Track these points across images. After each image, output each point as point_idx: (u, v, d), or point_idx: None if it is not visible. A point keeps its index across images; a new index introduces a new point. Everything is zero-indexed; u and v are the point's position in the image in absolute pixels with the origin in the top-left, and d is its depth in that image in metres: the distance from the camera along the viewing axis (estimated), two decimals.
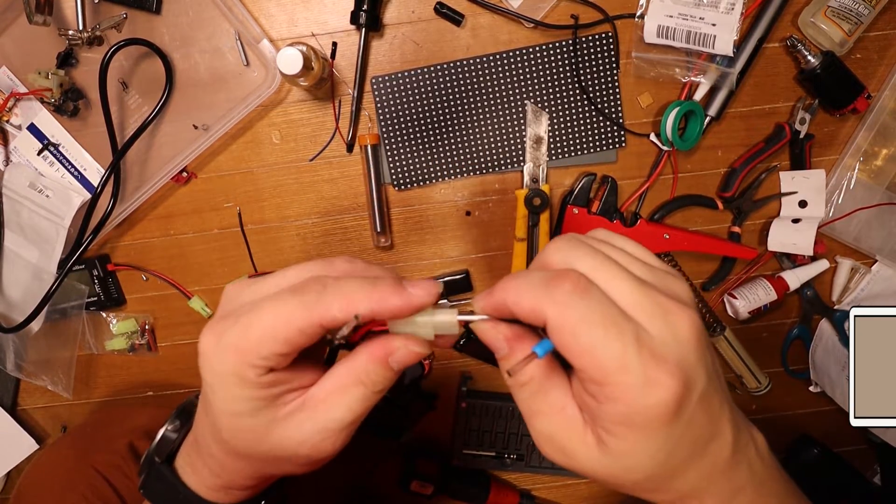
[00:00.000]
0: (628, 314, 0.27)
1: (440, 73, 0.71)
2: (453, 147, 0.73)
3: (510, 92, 0.72)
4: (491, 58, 0.71)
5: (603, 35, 0.70)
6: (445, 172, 0.73)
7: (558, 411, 0.29)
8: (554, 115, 0.72)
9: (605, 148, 0.73)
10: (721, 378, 0.31)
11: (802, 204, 0.74)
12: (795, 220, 0.75)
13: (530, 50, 0.70)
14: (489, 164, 0.73)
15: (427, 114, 0.72)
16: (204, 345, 0.30)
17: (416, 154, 0.73)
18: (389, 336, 0.31)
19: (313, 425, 0.31)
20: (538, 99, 0.72)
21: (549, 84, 0.72)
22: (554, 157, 0.73)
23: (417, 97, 0.71)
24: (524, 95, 0.72)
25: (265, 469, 0.34)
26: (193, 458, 0.36)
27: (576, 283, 0.27)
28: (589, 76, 0.71)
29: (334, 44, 0.70)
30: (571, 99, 0.72)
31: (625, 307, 0.27)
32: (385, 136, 0.72)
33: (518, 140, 0.73)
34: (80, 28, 0.67)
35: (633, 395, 0.26)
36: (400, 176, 0.73)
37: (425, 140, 0.72)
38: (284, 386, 0.31)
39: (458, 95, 0.71)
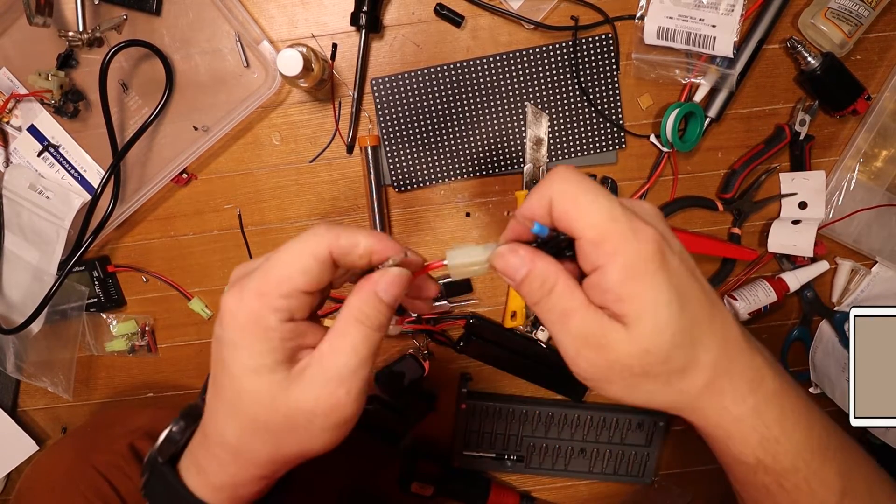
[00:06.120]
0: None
1: (440, 75, 0.71)
2: (453, 148, 0.73)
3: (510, 93, 0.72)
4: (491, 59, 0.71)
5: (603, 36, 0.70)
6: (445, 174, 0.73)
7: (585, 308, 0.32)
8: (554, 116, 0.72)
9: (605, 149, 0.73)
10: (706, 283, 0.34)
11: (802, 205, 0.74)
12: (795, 222, 0.75)
13: (530, 51, 0.70)
14: (489, 166, 0.73)
15: (427, 115, 0.72)
16: (227, 303, 0.32)
17: (416, 155, 0.73)
18: (374, 272, 0.34)
19: (324, 374, 0.32)
20: (538, 100, 0.72)
21: (549, 85, 0.72)
22: (554, 159, 0.73)
23: (417, 99, 0.71)
24: (524, 97, 0.72)
25: (282, 446, 0.34)
26: (200, 456, 0.36)
27: (569, 169, 0.33)
28: (589, 78, 0.72)
29: (334, 45, 0.71)
30: (571, 100, 0.72)
31: None
32: (385, 137, 0.72)
33: (518, 141, 0.73)
34: (81, 29, 0.67)
35: (627, 242, 0.30)
36: (400, 177, 0.73)
37: (425, 141, 0.72)
38: (299, 341, 0.33)
39: (458, 97, 0.71)
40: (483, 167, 0.73)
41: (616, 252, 0.30)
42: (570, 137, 0.73)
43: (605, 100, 0.72)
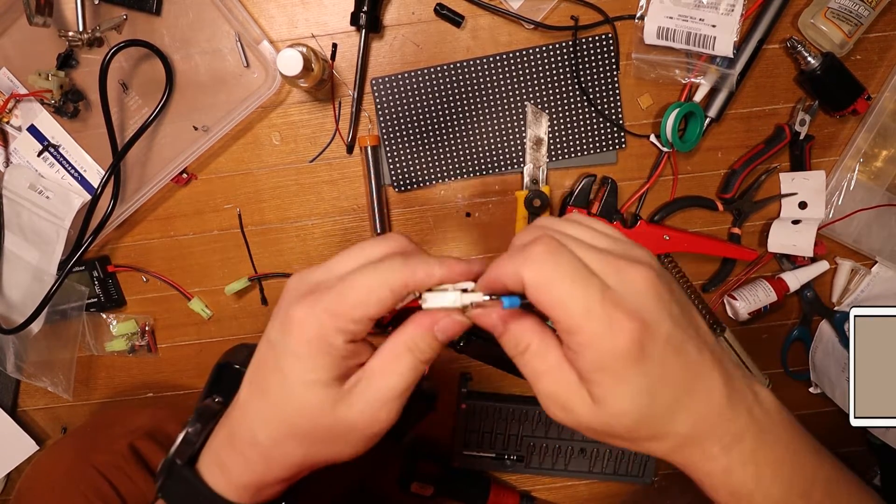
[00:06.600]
0: (592, 272, 0.31)
1: (440, 75, 0.71)
2: (453, 148, 0.73)
3: (510, 93, 0.72)
4: (491, 59, 0.71)
5: (603, 36, 0.70)
6: (445, 174, 0.73)
7: (557, 370, 0.32)
8: (554, 116, 0.72)
9: (605, 149, 0.73)
10: (699, 328, 0.33)
11: (802, 205, 0.74)
12: (795, 222, 0.75)
13: (530, 51, 0.70)
14: (489, 166, 0.73)
15: (427, 115, 0.72)
16: (297, 314, 0.33)
17: (416, 155, 0.73)
18: (433, 310, 0.35)
19: (373, 394, 0.33)
20: (538, 100, 0.72)
21: (549, 85, 0.72)
22: (554, 159, 0.73)
23: (417, 98, 0.71)
24: (524, 97, 0.72)
25: (315, 453, 0.35)
26: (224, 455, 0.36)
27: (547, 245, 0.31)
28: (589, 77, 0.72)
29: (334, 45, 0.71)
30: (571, 100, 0.72)
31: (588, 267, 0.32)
32: (385, 137, 0.72)
33: (518, 141, 0.73)
34: (81, 29, 0.67)
35: (599, 338, 0.29)
36: (400, 177, 0.73)
37: (425, 141, 0.72)
38: (354, 360, 0.34)
39: (458, 97, 0.71)
40: (483, 167, 0.73)
41: (588, 346, 0.30)
42: (570, 137, 0.73)
43: (605, 100, 0.72)
